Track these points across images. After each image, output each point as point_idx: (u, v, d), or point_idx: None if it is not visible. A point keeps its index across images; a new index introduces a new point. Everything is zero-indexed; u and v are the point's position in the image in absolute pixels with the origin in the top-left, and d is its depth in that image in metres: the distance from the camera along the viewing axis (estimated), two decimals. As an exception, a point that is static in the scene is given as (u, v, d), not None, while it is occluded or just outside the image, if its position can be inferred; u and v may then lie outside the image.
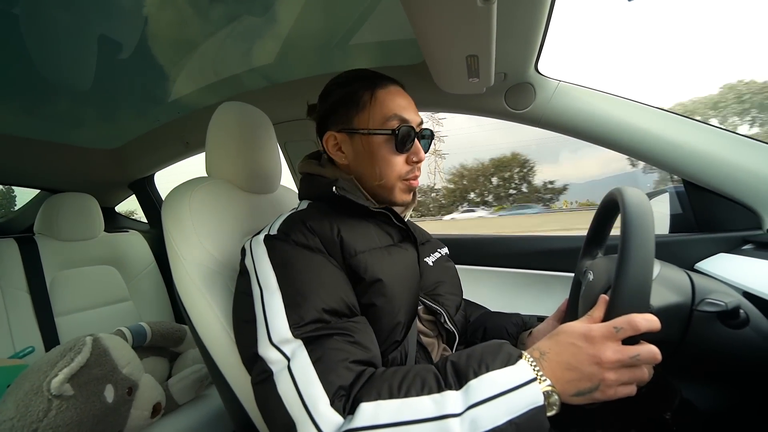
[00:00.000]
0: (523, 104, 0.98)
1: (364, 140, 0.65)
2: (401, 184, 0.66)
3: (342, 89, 0.67)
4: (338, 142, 0.67)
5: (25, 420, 0.74)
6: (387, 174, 0.65)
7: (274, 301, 0.50)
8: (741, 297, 0.51)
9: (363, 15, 0.93)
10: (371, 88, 0.65)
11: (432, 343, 0.69)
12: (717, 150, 0.84)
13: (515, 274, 1.15)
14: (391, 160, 0.64)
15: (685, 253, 0.87)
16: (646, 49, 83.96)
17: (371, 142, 0.64)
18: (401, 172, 0.65)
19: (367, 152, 0.65)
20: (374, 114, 0.64)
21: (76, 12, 0.87)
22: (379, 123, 0.64)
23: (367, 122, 0.64)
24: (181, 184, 0.76)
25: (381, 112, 0.64)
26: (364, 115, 0.65)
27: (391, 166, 0.65)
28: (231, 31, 1.00)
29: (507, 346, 0.46)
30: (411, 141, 0.65)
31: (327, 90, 0.69)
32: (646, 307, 0.41)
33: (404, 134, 0.63)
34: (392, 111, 0.64)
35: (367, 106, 0.64)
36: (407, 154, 0.66)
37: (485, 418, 0.39)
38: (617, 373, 0.40)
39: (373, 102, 0.65)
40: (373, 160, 0.65)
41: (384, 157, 0.64)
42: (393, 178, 0.65)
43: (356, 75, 0.68)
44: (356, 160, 0.66)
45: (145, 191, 1.85)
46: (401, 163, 0.65)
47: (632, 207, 0.45)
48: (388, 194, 0.66)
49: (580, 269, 0.66)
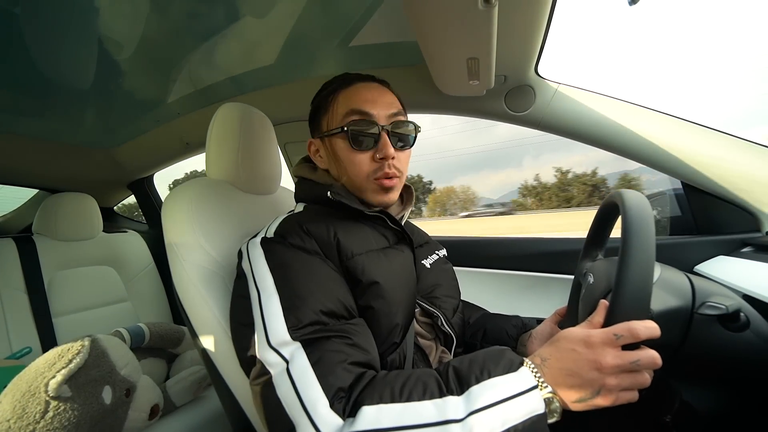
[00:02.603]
0: (522, 107, 0.99)
1: (328, 142, 0.65)
2: (372, 185, 0.63)
3: (317, 96, 0.68)
4: (317, 148, 0.69)
5: (22, 421, 0.74)
6: (352, 174, 0.62)
7: (271, 304, 0.50)
8: (741, 300, 0.51)
9: (364, 17, 0.93)
10: (337, 89, 0.64)
11: (430, 346, 0.69)
12: (716, 153, 0.84)
13: (515, 276, 1.15)
14: (353, 159, 0.62)
15: (685, 255, 0.87)
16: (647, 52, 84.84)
17: (332, 143, 0.64)
18: (367, 170, 0.62)
19: (332, 154, 0.64)
20: (336, 113, 0.63)
21: (75, 11, 0.87)
22: (338, 121, 0.62)
23: (328, 123, 0.64)
24: (181, 185, 0.76)
25: (340, 110, 0.62)
26: (327, 117, 0.65)
27: (354, 165, 0.62)
28: (232, 31, 1.00)
29: (509, 352, 0.46)
30: (370, 136, 0.61)
31: (312, 101, 0.71)
32: (647, 313, 0.41)
33: (355, 130, 0.60)
34: (350, 107, 0.61)
35: (330, 108, 0.64)
36: (371, 152, 0.62)
37: (486, 424, 0.39)
38: (618, 379, 0.40)
39: (334, 102, 0.64)
40: (337, 161, 0.64)
41: (345, 157, 0.62)
42: (360, 178, 0.62)
43: (333, 80, 0.68)
44: (329, 164, 0.67)
45: (144, 192, 1.84)
46: (366, 162, 0.62)
47: (632, 211, 0.45)
48: (360, 194, 0.64)
49: (580, 271, 0.66)
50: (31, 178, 1.61)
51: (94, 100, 1.25)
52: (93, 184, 1.69)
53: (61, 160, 1.51)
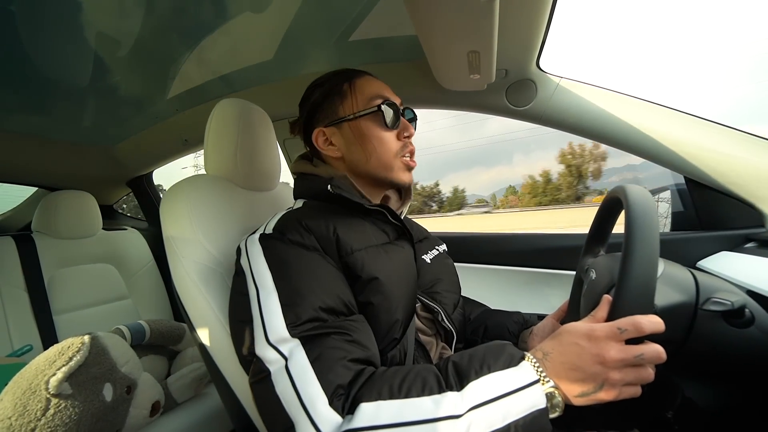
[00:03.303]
0: (524, 101, 0.98)
1: (353, 125, 0.66)
2: (398, 162, 0.67)
3: (320, 88, 0.69)
4: (327, 137, 0.68)
5: (24, 419, 0.74)
6: (382, 152, 0.66)
7: (270, 301, 0.50)
8: (746, 296, 0.50)
9: (363, 11, 0.92)
10: (349, 79, 0.68)
11: (430, 342, 0.69)
12: (719, 147, 0.83)
13: (516, 272, 1.15)
14: (383, 137, 0.66)
15: (688, 251, 0.86)
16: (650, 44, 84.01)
17: (360, 125, 0.66)
18: (395, 148, 0.67)
19: (358, 137, 0.66)
20: (357, 98, 0.66)
21: (72, 7, 0.86)
22: (364, 105, 0.66)
23: (352, 107, 0.66)
24: (179, 182, 0.76)
25: (363, 94, 0.67)
26: (347, 103, 0.66)
27: (384, 144, 0.66)
28: (230, 27, 0.99)
29: (510, 347, 0.45)
30: (397, 116, 0.67)
31: (305, 95, 0.72)
32: (651, 308, 0.41)
33: (390, 108, 0.66)
34: (374, 92, 0.67)
35: (348, 94, 0.66)
36: (397, 131, 0.67)
37: (486, 419, 0.39)
38: (621, 373, 0.40)
39: (353, 89, 0.67)
40: (365, 142, 0.66)
41: (375, 136, 0.65)
42: (389, 156, 0.66)
43: (330, 74, 0.70)
44: (349, 149, 0.67)
45: (143, 189, 1.84)
46: (393, 140, 0.67)
47: (636, 206, 0.44)
48: (387, 174, 0.67)
49: (582, 267, 0.66)
50: (30, 175, 1.60)
51: (93, 97, 1.24)
52: (92, 181, 1.69)
53: (59, 157, 1.51)
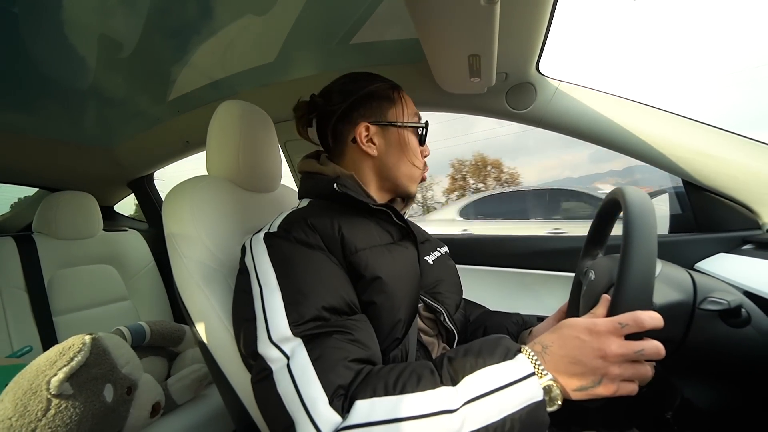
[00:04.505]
0: (523, 104, 0.99)
1: (399, 132, 0.70)
2: (418, 176, 0.74)
3: (368, 84, 0.70)
4: (369, 134, 0.69)
5: (24, 419, 0.74)
6: (413, 164, 0.71)
7: (273, 299, 0.50)
8: (743, 296, 0.51)
9: (365, 14, 0.93)
10: (395, 87, 0.73)
11: (432, 342, 0.69)
12: (717, 150, 0.84)
13: (515, 274, 1.15)
14: (418, 153, 0.72)
15: (685, 253, 0.87)
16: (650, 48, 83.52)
17: (404, 134, 0.70)
18: (421, 164, 0.74)
19: (399, 144, 0.70)
20: (406, 109, 0.71)
21: (75, 8, 0.87)
22: (410, 117, 0.71)
23: (401, 116, 0.70)
24: (181, 183, 0.76)
25: (409, 108, 0.72)
26: (398, 110, 0.70)
27: (417, 158, 0.72)
28: (232, 29, 1.00)
29: (505, 340, 0.45)
30: (425, 137, 0.74)
31: (349, 85, 0.71)
32: (649, 305, 0.41)
33: (425, 130, 0.73)
34: (414, 109, 0.74)
35: (397, 102, 0.71)
36: (422, 148, 0.74)
37: (482, 414, 0.39)
38: (621, 368, 0.40)
39: (402, 98, 0.72)
40: (404, 151, 0.70)
41: (414, 149, 0.71)
42: (418, 169, 0.73)
43: (370, 74, 0.73)
44: (387, 152, 0.69)
45: (144, 190, 1.84)
46: (421, 156, 0.73)
47: (634, 206, 0.45)
48: (408, 184, 0.72)
49: (581, 269, 0.66)
50: (31, 176, 1.60)
51: (94, 98, 1.24)
52: (93, 182, 1.68)
53: (60, 158, 1.51)
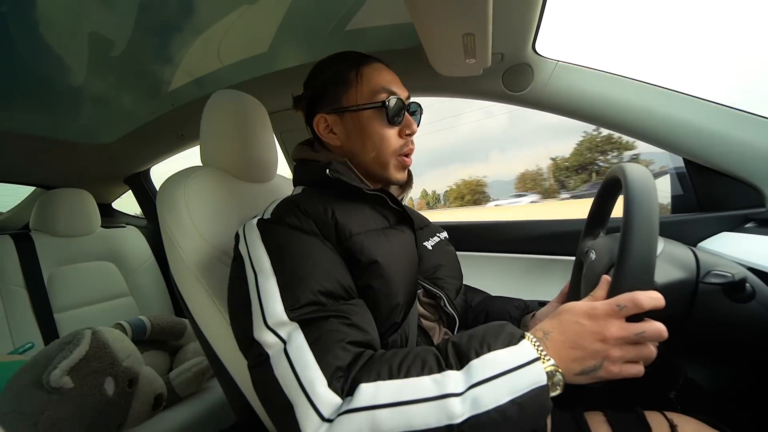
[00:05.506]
0: (520, 86, 0.97)
1: (355, 117, 0.64)
2: (395, 160, 0.66)
3: (327, 71, 0.67)
4: (329, 124, 0.66)
5: (25, 413, 0.74)
6: (381, 149, 0.65)
7: (268, 285, 0.49)
8: (747, 270, 0.50)
9: (359, 0, 0.91)
10: (356, 66, 0.65)
11: (433, 327, 0.68)
12: (718, 127, 0.82)
13: (516, 260, 1.14)
14: (384, 134, 0.64)
15: (688, 232, 0.86)
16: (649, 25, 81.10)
17: (362, 117, 0.64)
18: (395, 146, 0.65)
19: (358, 129, 0.64)
20: (362, 89, 0.64)
21: (67, 5, 0.85)
22: (368, 97, 0.64)
23: (356, 98, 0.64)
24: (175, 173, 0.75)
25: (368, 86, 0.64)
26: (351, 93, 0.64)
27: (385, 140, 0.64)
28: (225, 20, 0.98)
29: (509, 326, 0.45)
30: (401, 113, 0.65)
31: (311, 75, 0.70)
32: (650, 285, 0.40)
33: (394, 105, 0.63)
34: (379, 84, 0.64)
35: (354, 83, 0.64)
36: (399, 128, 0.65)
37: (487, 397, 0.38)
38: (622, 350, 0.40)
39: (359, 78, 0.65)
40: (365, 136, 0.64)
41: (376, 131, 0.64)
42: (387, 153, 0.65)
43: (339, 56, 0.68)
44: (349, 140, 0.66)
45: (140, 186, 1.83)
46: (394, 137, 0.65)
47: (635, 183, 0.44)
48: (382, 171, 0.66)
49: (582, 249, 0.66)
50: (26, 175, 1.60)
51: (88, 94, 1.23)
52: (89, 179, 1.68)
53: (55, 156, 1.50)
